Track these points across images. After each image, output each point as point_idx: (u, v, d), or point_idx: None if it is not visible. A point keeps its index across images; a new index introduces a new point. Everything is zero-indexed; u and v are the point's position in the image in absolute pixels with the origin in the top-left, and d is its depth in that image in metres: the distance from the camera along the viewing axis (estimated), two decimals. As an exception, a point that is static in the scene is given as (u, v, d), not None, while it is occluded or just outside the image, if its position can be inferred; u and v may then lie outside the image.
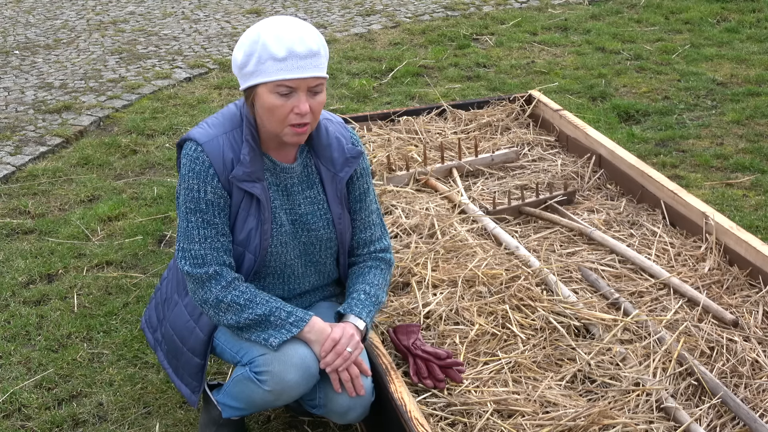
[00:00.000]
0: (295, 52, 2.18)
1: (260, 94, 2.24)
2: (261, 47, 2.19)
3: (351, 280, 2.53)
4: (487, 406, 2.41)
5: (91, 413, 2.86)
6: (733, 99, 5.34)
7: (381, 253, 2.56)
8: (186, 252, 2.32)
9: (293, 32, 2.20)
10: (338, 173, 2.44)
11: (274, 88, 2.21)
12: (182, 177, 2.32)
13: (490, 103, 4.37)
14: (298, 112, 2.23)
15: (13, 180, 4.57)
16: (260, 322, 2.31)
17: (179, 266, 2.34)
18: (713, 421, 2.38)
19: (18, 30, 7.29)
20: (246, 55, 2.22)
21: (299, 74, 2.20)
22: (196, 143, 2.30)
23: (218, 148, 2.30)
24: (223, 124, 2.34)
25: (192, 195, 2.30)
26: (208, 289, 2.31)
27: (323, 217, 2.45)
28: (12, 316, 3.38)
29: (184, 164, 2.32)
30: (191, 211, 2.31)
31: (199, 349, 2.47)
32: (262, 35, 2.20)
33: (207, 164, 2.29)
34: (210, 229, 2.31)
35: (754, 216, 3.91)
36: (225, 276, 2.31)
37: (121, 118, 5.38)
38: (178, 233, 2.35)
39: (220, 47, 6.72)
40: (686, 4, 7.33)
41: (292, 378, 2.29)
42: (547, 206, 3.51)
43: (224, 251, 2.33)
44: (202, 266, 2.30)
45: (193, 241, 2.31)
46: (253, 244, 2.35)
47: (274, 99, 2.22)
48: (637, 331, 2.71)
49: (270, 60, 2.18)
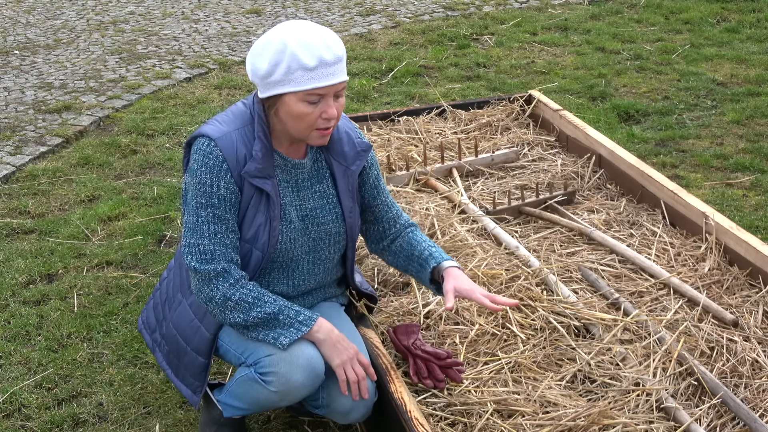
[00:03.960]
0: (325, 60, 2.19)
1: (287, 102, 2.23)
2: (290, 57, 2.17)
3: (407, 249, 2.56)
4: (487, 406, 2.41)
5: (91, 413, 2.87)
6: (733, 99, 5.34)
7: (409, 225, 2.63)
8: (194, 247, 2.31)
9: (319, 40, 2.20)
10: (350, 167, 2.45)
11: (304, 96, 2.21)
12: (193, 172, 2.31)
13: (490, 103, 4.37)
14: (327, 117, 2.25)
15: (13, 180, 4.57)
16: (269, 321, 2.31)
17: (186, 262, 2.33)
18: (713, 421, 2.38)
19: (18, 30, 7.29)
20: (272, 64, 2.19)
21: (329, 81, 2.21)
22: (210, 139, 2.30)
23: (232, 143, 2.30)
24: (234, 121, 2.35)
25: (204, 189, 2.29)
26: (215, 287, 2.30)
27: (332, 211, 2.46)
28: (12, 316, 3.38)
29: (196, 159, 2.31)
30: (202, 206, 2.30)
31: (204, 348, 2.46)
32: (289, 44, 2.18)
33: (221, 159, 2.29)
34: (220, 225, 2.31)
35: (754, 216, 3.91)
36: (233, 273, 2.31)
37: (121, 118, 5.38)
38: (185, 229, 2.34)
39: (220, 47, 6.72)
40: (686, 4, 7.34)
41: (298, 379, 2.29)
42: (547, 206, 3.51)
43: (233, 248, 2.33)
44: (210, 262, 2.30)
45: (203, 236, 2.30)
46: (261, 241, 2.35)
47: (303, 107, 2.23)
48: (637, 331, 2.71)
49: (300, 70, 2.18)
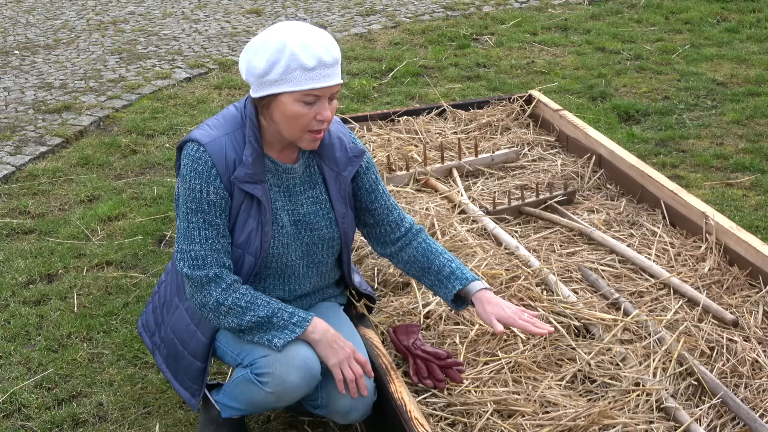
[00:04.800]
0: (323, 62, 2.19)
1: (283, 102, 2.22)
2: (289, 56, 2.17)
3: (422, 261, 2.52)
4: (487, 406, 2.41)
5: (91, 413, 2.86)
6: (733, 99, 5.34)
7: (415, 226, 2.59)
8: (185, 253, 2.31)
9: (318, 41, 2.20)
10: (342, 172, 2.44)
11: (301, 97, 2.21)
12: (183, 178, 2.31)
13: (490, 103, 4.37)
14: (321, 118, 2.24)
15: (13, 180, 4.57)
16: (263, 324, 2.30)
17: (178, 268, 2.33)
18: (713, 421, 2.38)
19: (18, 30, 7.29)
20: (270, 63, 2.18)
21: (327, 83, 2.21)
22: (199, 144, 2.30)
23: (221, 149, 2.29)
24: (225, 126, 2.34)
25: (194, 195, 2.29)
26: (208, 293, 2.30)
27: (326, 217, 2.45)
28: (12, 316, 3.38)
29: (185, 165, 2.31)
30: (192, 211, 2.29)
31: (201, 352, 2.46)
32: (289, 44, 2.17)
33: (210, 164, 2.28)
34: (211, 230, 2.30)
35: (754, 216, 3.91)
36: (225, 278, 2.30)
37: (121, 118, 5.38)
38: (177, 235, 2.34)
39: (220, 47, 6.72)
40: (686, 4, 7.33)
41: (294, 380, 2.29)
42: (547, 206, 3.51)
43: (224, 253, 2.32)
44: (202, 268, 2.29)
45: (194, 241, 2.30)
46: (253, 246, 2.34)
47: (299, 108, 2.22)
48: (637, 331, 2.71)
49: (299, 69, 2.17)
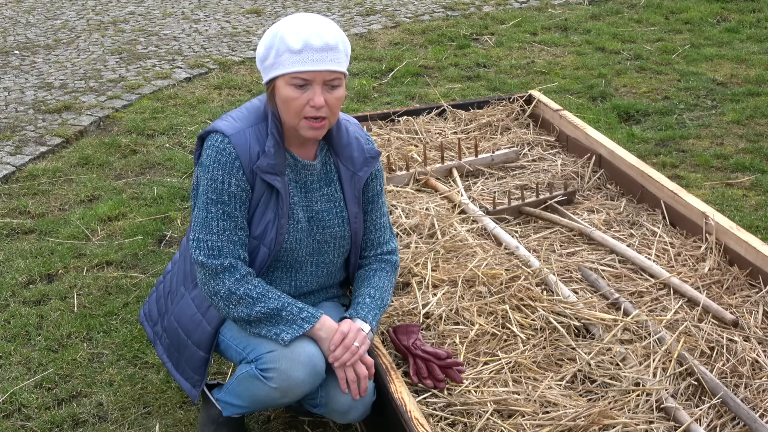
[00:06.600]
0: (310, 45, 2.22)
1: (278, 86, 2.28)
2: (279, 40, 2.24)
3: (357, 283, 2.55)
4: (487, 406, 2.41)
5: (91, 413, 2.87)
6: (733, 99, 5.34)
7: (387, 255, 2.59)
8: (201, 242, 2.32)
9: (311, 27, 2.24)
10: (357, 172, 2.46)
11: (290, 80, 2.25)
12: (205, 168, 2.32)
13: (490, 103, 4.37)
14: (313, 105, 2.26)
15: (13, 180, 4.57)
16: (271, 317, 2.31)
17: (193, 256, 2.34)
18: (713, 421, 2.38)
19: (18, 30, 7.29)
20: (266, 48, 2.27)
21: (314, 67, 2.23)
22: (223, 135, 2.32)
23: (245, 140, 2.32)
24: (248, 118, 2.37)
25: (215, 186, 2.31)
26: (221, 281, 2.31)
27: (339, 215, 2.46)
28: (12, 316, 3.38)
29: (209, 155, 2.33)
30: (212, 202, 2.31)
31: (205, 342, 2.47)
32: (281, 29, 2.25)
33: (233, 156, 2.30)
34: (229, 222, 2.32)
35: (754, 216, 3.91)
36: (239, 269, 2.32)
37: (121, 118, 5.38)
38: (193, 223, 2.36)
39: (220, 47, 6.72)
40: (686, 4, 7.34)
41: (299, 376, 2.29)
42: (547, 206, 3.51)
43: (240, 245, 2.34)
44: (217, 257, 2.31)
45: (211, 231, 2.31)
46: (268, 238, 2.36)
47: (290, 91, 2.25)
48: (637, 331, 2.70)
49: (287, 52, 2.22)
